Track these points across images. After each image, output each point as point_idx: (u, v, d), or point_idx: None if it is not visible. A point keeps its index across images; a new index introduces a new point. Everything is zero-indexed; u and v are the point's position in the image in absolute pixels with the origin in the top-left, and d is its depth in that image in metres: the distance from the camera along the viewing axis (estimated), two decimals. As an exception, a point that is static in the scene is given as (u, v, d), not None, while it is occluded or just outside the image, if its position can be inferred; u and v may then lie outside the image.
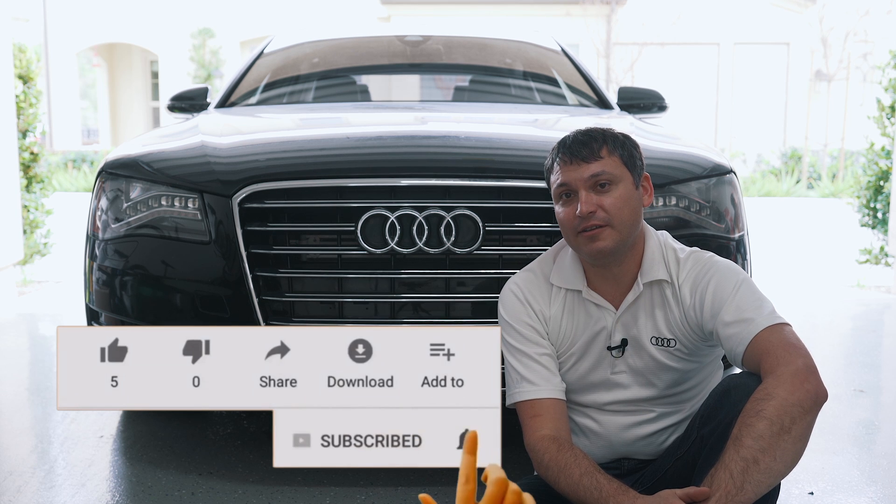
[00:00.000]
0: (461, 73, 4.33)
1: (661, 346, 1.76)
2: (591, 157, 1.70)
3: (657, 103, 3.56)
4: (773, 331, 1.59)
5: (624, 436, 1.82)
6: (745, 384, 1.58)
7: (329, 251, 2.20)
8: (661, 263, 1.76)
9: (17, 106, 5.46)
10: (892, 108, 5.96)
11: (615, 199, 1.69)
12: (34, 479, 2.38)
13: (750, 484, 1.43)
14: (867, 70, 18.67)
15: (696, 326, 1.72)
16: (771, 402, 1.47)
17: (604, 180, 1.69)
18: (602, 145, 1.71)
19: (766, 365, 1.54)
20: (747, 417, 1.47)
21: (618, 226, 1.69)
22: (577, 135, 1.74)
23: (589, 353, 1.79)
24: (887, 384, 3.46)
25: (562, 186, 1.73)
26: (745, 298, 1.65)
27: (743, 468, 1.43)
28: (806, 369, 1.50)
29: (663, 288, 1.75)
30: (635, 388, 1.80)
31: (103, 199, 2.44)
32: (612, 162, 1.71)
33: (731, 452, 1.45)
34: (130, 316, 2.36)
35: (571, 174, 1.70)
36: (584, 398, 1.83)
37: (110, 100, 22.86)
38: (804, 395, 1.48)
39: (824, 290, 5.80)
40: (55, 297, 5.30)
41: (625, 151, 1.73)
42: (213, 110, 3.35)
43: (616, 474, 1.81)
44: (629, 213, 1.71)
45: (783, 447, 1.45)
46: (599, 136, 1.74)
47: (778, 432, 1.44)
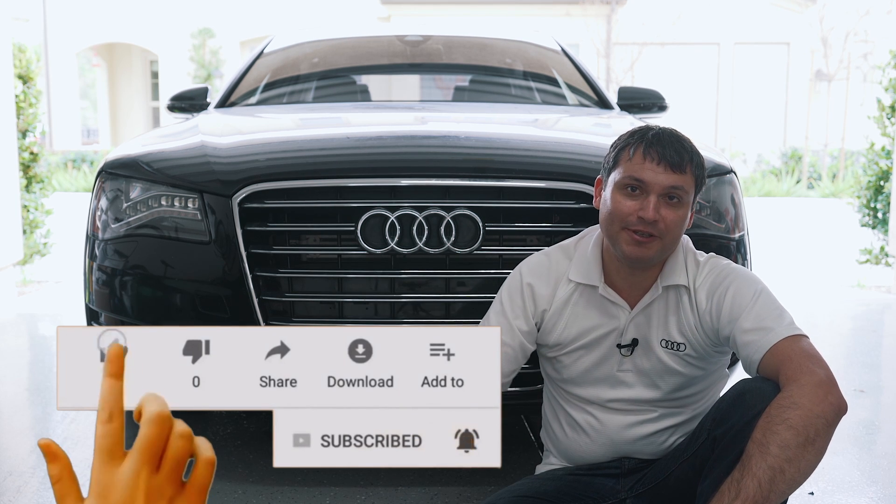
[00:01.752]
0: (461, 73, 4.33)
1: (670, 350, 1.75)
2: (679, 168, 1.67)
3: (657, 103, 3.56)
4: (793, 341, 1.59)
5: (625, 434, 1.82)
6: (760, 388, 1.57)
7: (329, 251, 2.20)
8: (683, 269, 1.75)
9: (17, 106, 5.46)
10: (892, 108, 5.95)
11: (677, 218, 1.68)
12: (34, 479, 2.38)
13: (775, 493, 1.43)
14: (867, 70, 18.66)
15: (710, 331, 1.72)
16: (796, 412, 1.46)
17: (677, 195, 1.67)
18: (690, 162, 1.69)
19: (787, 372, 1.54)
20: (773, 424, 1.46)
21: (667, 241, 1.68)
22: (671, 138, 1.70)
23: (597, 348, 1.79)
24: (888, 384, 3.46)
25: (635, 180, 1.68)
26: (766, 307, 1.65)
27: (770, 477, 1.43)
28: (829, 381, 1.50)
29: (680, 293, 1.75)
30: (639, 389, 1.80)
31: (103, 199, 2.44)
32: (690, 181, 1.69)
33: (758, 459, 1.44)
34: (130, 316, 2.35)
35: (653, 175, 1.66)
36: (587, 392, 1.83)
37: (110, 100, 22.86)
38: (828, 408, 1.48)
39: (824, 291, 5.80)
40: (55, 297, 5.30)
41: (701, 174, 1.72)
42: (212, 110, 3.35)
43: (616, 473, 1.81)
44: (679, 233, 1.71)
45: (807, 458, 1.45)
46: (690, 149, 1.71)
47: (803, 443, 1.44)
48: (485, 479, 2.36)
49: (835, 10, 17.36)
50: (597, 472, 1.83)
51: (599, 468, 1.84)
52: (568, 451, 1.89)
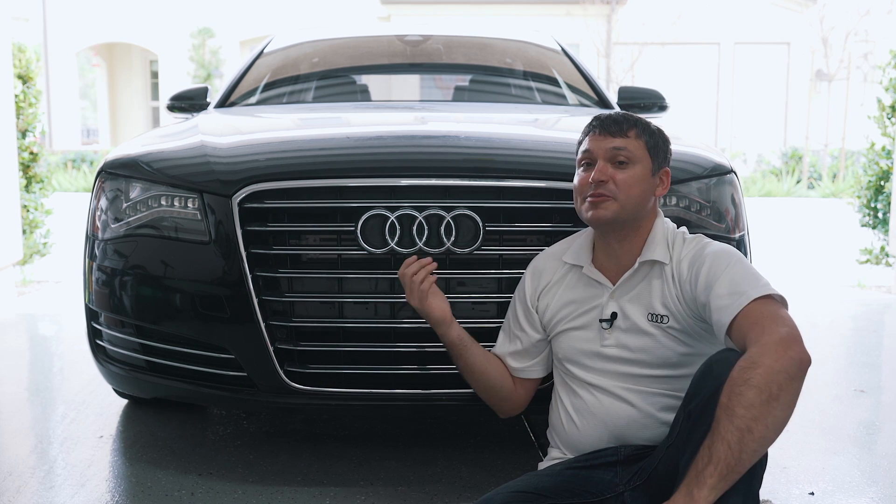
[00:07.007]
0: (461, 73, 4.33)
1: (655, 323, 1.82)
2: (619, 133, 1.84)
3: (657, 103, 3.56)
4: (762, 303, 1.65)
5: (615, 415, 1.85)
6: (726, 359, 1.61)
7: (329, 251, 2.19)
8: (664, 246, 1.85)
9: (17, 106, 5.46)
10: (892, 107, 5.95)
11: (627, 177, 1.82)
12: (34, 480, 2.38)
13: (746, 454, 1.48)
14: (868, 70, 18.68)
15: (690, 300, 1.78)
16: (757, 370, 1.50)
17: (623, 157, 1.83)
18: (632, 127, 1.86)
19: (751, 335, 1.59)
20: (735, 386, 1.50)
21: (622, 201, 1.81)
22: (614, 113, 1.89)
23: (584, 326, 1.91)
24: (888, 384, 3.46)
25: (585, 153, 1.87)
26: (741, 273, 1.72)
27: (739, 438, 1.47)
28: (789, 337, 1.55)
29: (663, 268, 1.84)
30: (622, 364, 1.85)
31: (103, 199, 2.44)
32: (637, 144, 1.85)
33: (725, 423, 1.48)
34: (130, 316, 2.35)
35: (596, 143, 1.85)
36: (576, 370, 1.92)
37: (110, 100, 22.87)
38: (788, 362, 1.52)
39: (825, 290, 5.80)
40: (55, 297, 5.29)
41: (651, 139, 1.87)
42: (212, 110, 3.35)
43: (613, 461, 1.82)
44: (637, 194, 1.83)
45: (774, 414, 1.49)
46: (633, 119, 1.88)
47: (767, 400, 1.48)
48: (485, 479, 2.36)
49: (835, 10, 17.37)
50: (595, 462, 1.83)
51: (597, 457, 1.85)
52: (567, 438, 1.92)
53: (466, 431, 2.74)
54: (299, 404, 2.27)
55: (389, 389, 2.21)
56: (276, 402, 2.25)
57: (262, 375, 2.21)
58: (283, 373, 2.19)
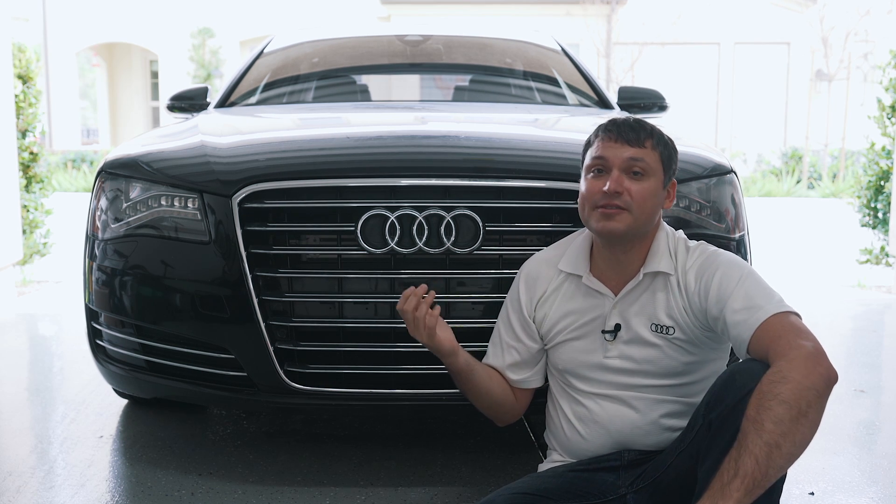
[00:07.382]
0: (461, 73, 4.33)
1: (660, 333, 1.79)
2: (636, 142, 1.77)
3: (657, 103, 3.56)
4: (781, 317, 1.63)
5: (620, 423, 1.83)
6: (749, 368, 1.59)
7: (329, 251, 2.19)
8: (667, 256, 1.81)
9: (17, 106, 5.46)
10: (892, 107, 5.95)
11: (643, 189, 1.76)
12: (34, 480, 2.37)
13: (773, 469, 1.46)
14: (868, 70, 18.68)
15: (699, 312, 1.75)
16: (787, 385, 1.48)
17: (639, 168, 1.77)
18: (649, 137, 1.79)
19: (776, 348, 1.57)
20: (764, 400, 1.48)
21: (636, 214, 1.76)
22: (629, 119, 1.82)
23: (584, 336, 1.86)
24: (888, 384, 3.46)
25: (598, 160, 1.79)
26: (755, 287, 1.70)
27: (767, 453, 1.45)
28: (817, 353, 1.54)
29: (667, 279, 1.80)
30: (629, 376, 1.83)
31: (103, 199, 2.44)
32: (653, 155, 1.78)
33: (754, 437, 1.46)
34: (130, 316, 2.35)
35: (612, 151, 1.77)
36: (581, 383, 1.87)
37: (110, 100, 22.87)
38: (818, 379, 1.51)
39: (825, 290, 5.80)
40: (55, 297, 5.29)
41: (666, 151, 1.81)
42: (212, 110, 3.35)
43: (616, 466, 1.82)
44: (650, 207, 1.78)
45: (802, 431, 1.47)
46: (649, 127, 1.81)
47: (797, 417, 1.46)
48: (485, 479, 2.36)
49: (835, 10, 17.36)
50: (597, 466, 1.83)
51: (600, 461, 1.84)
52: (569, 445, 1.90)
53: (466, 431, 2.74)
54: (299, 404, 2.27)
55: (389, 389, 2.21)
56: (276, 402, 2.25)
57: (262, 375, 2.21)
58: (283, 373, 2.19)
